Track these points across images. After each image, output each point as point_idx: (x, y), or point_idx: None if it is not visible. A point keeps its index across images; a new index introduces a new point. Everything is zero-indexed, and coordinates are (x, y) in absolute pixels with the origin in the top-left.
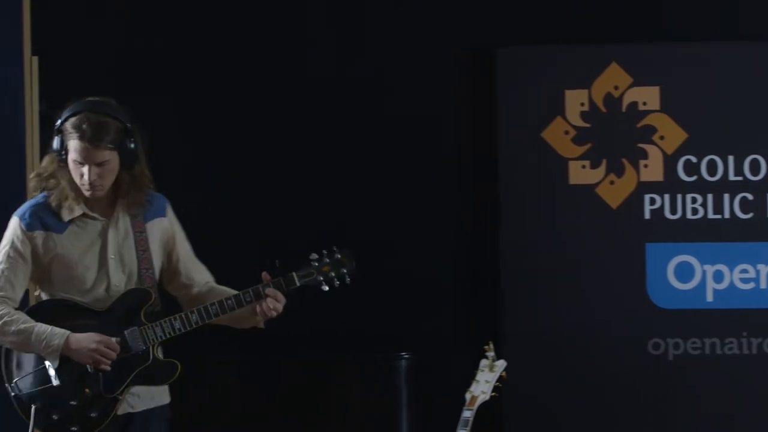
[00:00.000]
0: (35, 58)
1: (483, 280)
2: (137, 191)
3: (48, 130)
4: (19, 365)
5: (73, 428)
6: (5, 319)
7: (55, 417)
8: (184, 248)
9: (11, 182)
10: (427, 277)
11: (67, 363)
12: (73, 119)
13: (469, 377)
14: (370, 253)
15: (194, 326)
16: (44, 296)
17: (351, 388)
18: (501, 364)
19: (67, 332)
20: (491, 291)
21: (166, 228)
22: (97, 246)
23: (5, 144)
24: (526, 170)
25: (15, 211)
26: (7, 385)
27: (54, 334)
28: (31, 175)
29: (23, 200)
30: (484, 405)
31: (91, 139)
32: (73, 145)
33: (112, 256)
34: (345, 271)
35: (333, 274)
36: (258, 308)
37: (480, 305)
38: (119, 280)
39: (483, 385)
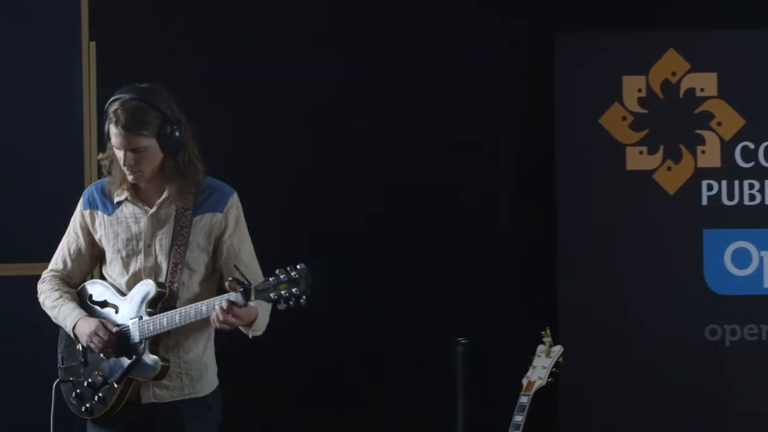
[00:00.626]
0: (93, 44)
1: (540, 266)
2: (183, 180)
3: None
4: (63, 339)
5: (85, 405)
6: (45, 295)
7: (75, 393)
8: (233, 245)
9: (69, 167)
10: (485, 262)
11: None
12: (114, 104)
13: (526, 363)
14: (427, 238)
15: (179, 325)
16: (104, 273)
17: (409, 372)
18: (558, 349)
19: (81, 315)
20: (548, 277)
21: (217, 224)
22: (134, 232)
23: (63, 130)
24: (583, 156)
25: None
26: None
27: (70, 315)
28: (99, 156)
29: (81, 183)
30: (541, 390)
31: (125, 125)
32: (112, 130)
33: (147, 245)
34: (297, 291)
35: (286, 294)
36: (211, 317)
37: (537, 291)
38: (148, 270)
39: (540, 371)
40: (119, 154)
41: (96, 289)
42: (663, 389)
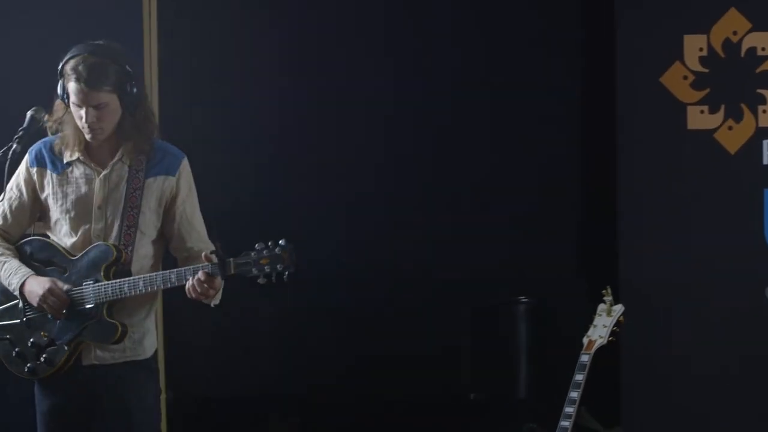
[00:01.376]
0: (154, 1)
1: (601, 225)
2: (140, 136)
3: (168, 75)
4: (2, 296)
5: (28, 365)
6: None
7: (15, 352)
8: (185, 212)
9: None
10: (547, 222)
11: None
12: (71, 61)
13: (587, 321)
14: (493, 198)
15: (141, 293)
16: (47, 232)
17: (471, 332)
18: (618, 308)
19: (29, 274)
20: (610, 235)
21: (168, 188)
22: (84, 193)
23: None
24: (645, 115)
25: None
26: None
27: (16, 272)
28: (46, 119)
29: None
30: (602, 349)
31: (87, 81)
32: (72, 87)
33: (98, 207)
34: (280, 267)
35: (268, 269)
36: (186, 285)
37: (598, 250)
38: (99, 231)
39: (600, 330)
40: (79, 112)
41: (36, 247)
42: (722, 347)
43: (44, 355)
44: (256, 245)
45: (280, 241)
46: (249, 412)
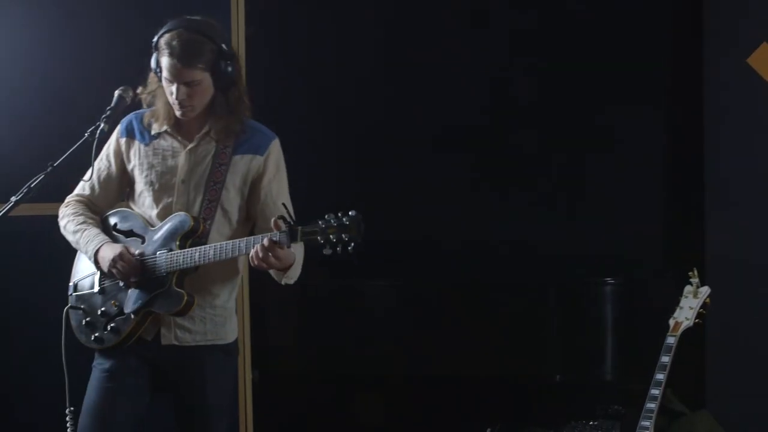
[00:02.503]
0: None
1: (688, 207)
2: (230, 116)
3: (254, 54)
4: (78, 266)
5: (95, 334)
6: (68, 219)
7: (85, 321)
8: (271, 192)
9: None
10: (634, 202)
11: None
12: (166, 36)
13: (673, 303)
14: (579, 178)
15: (211, 261)
16: (131, 204)
17: (557, 312)
18: (705, 290)
19: (105, 241)
20: (696, 217)
21: (256, 167)
22: (169, 166)
23: None
24: (731, 96)
25: None
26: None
27: (93, 240)
28: (138, 90)
29: None
30: (688, 331)
31: (181, 57)
32: (165, 62)
33: (181, 180)
34: (347, 237)
35: (334, 239)
36: (251, 253)
37: (685, 231)
38: (181, 205)
39: (687, 312)
40: (171, 87)
41: (120, 217)
42: None
43: (111, 324)
44: (326, 215)
45: (350, 212)
46: (334, 391)
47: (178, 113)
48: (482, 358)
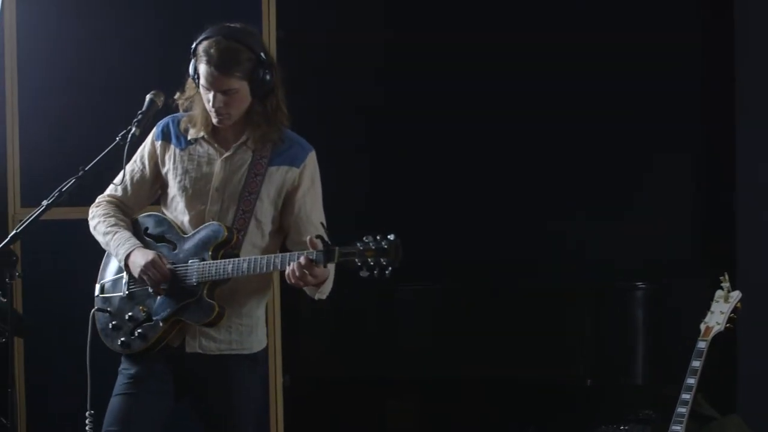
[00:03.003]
0: None
1: (720, 211)
2: (268, 126)
3: (284, 58)
4: (106, 268)
5: (122, 338)
6: (99, 219)
7: (112, 324)
8: (305, 205)
9: None
10: (665, 207)
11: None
12: (205, 43)
13: (704, 308)
14: (611, 182)
15: (244, 275)
16: (162, 208)
17: (588, 316)
18: (736, 295)
19: (136, 245)
20: (727, 220)
21: (291, 179)
22: (204, 173)
23: None
24: (765, 99)
25: None
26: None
27: (124, 243)
28: (176, 96)
29: None
30: (719, 336)
31: (218, 66)
32: (202, 70)
33: (215, 188)
34: (385, 261)
35: (372, 261)
36: (287, 270)
37: (716, 236)
38: (214, 213)
39: (717, 316)
40: (207, 95)
41: (152, 222)
42: None
43: (139, 330)
44: (364, 237)
45: (389, 236)
46: (365, 396)
47: (214, 120)
48: (513, 362)
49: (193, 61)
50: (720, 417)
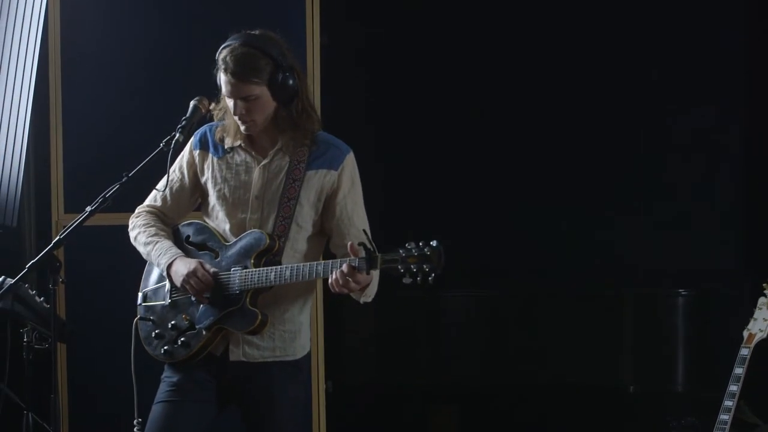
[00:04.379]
0: None
1: (763, 218)
2: (295, 130)
3: (327, 62)
4: (149, 276)
5: (165, 347)
6: (139, 229)
7: (155, 333)
8: (346, 207)
9: None
10: (711, 213)
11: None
12: (223, 52)
13: (748, 315)
14: (656, 189)
15: (286, 282)
16: (204, 217)
17: (631, 322)
18: None
19: (178, 254)
20: None
21: (330, 182)
22: (243, 181)
23: None
24: None
25: None
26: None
27: (166, 252)
28: (211, 107)
29: None
30: (762, 343)
31: (235, 73)
32: (222, 78)
33: (255, 196)
34: (427, 268)
35: (414, 268)
36: (330, 279)
37: (760, 243)
38: (254, 221)
39: (761, 323)
40: (230, 103)
41: (193, 230)
42: None
43: (182, 338)
44: (407, 243)
45: (432, 242)
46: (408, 401)
47: (242, 128)
48: (556, 369)
49: (216, 71)
50: (763, 424)
